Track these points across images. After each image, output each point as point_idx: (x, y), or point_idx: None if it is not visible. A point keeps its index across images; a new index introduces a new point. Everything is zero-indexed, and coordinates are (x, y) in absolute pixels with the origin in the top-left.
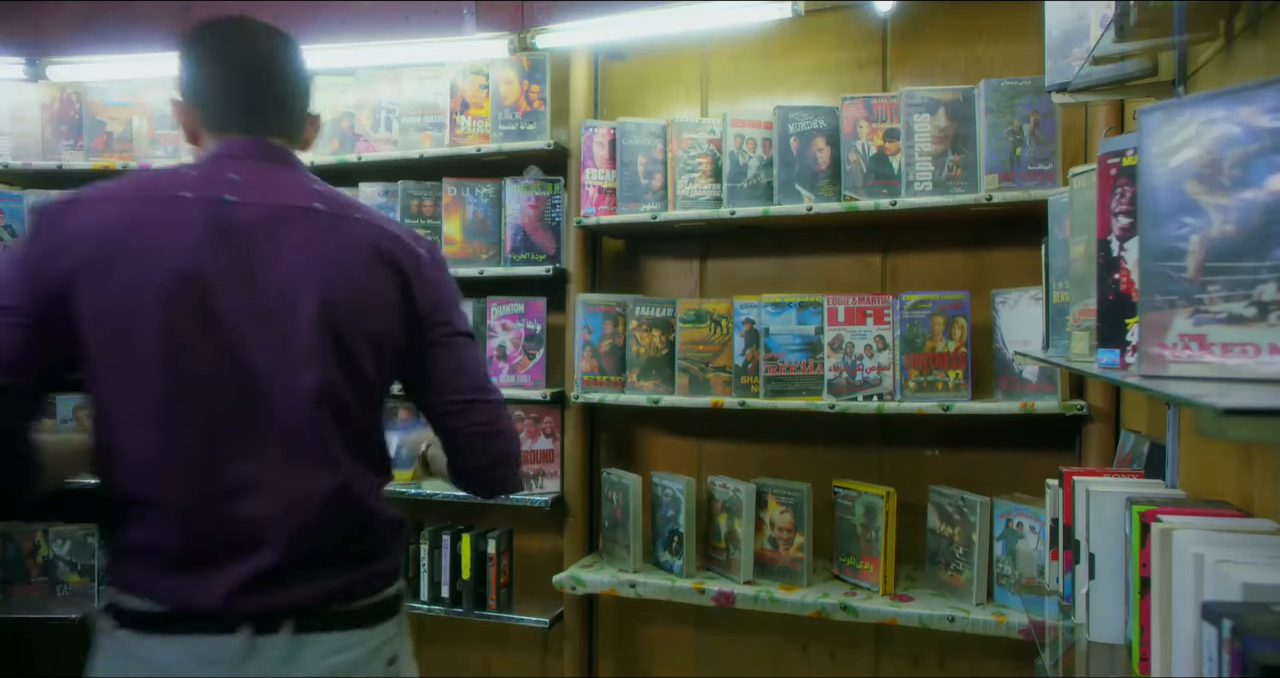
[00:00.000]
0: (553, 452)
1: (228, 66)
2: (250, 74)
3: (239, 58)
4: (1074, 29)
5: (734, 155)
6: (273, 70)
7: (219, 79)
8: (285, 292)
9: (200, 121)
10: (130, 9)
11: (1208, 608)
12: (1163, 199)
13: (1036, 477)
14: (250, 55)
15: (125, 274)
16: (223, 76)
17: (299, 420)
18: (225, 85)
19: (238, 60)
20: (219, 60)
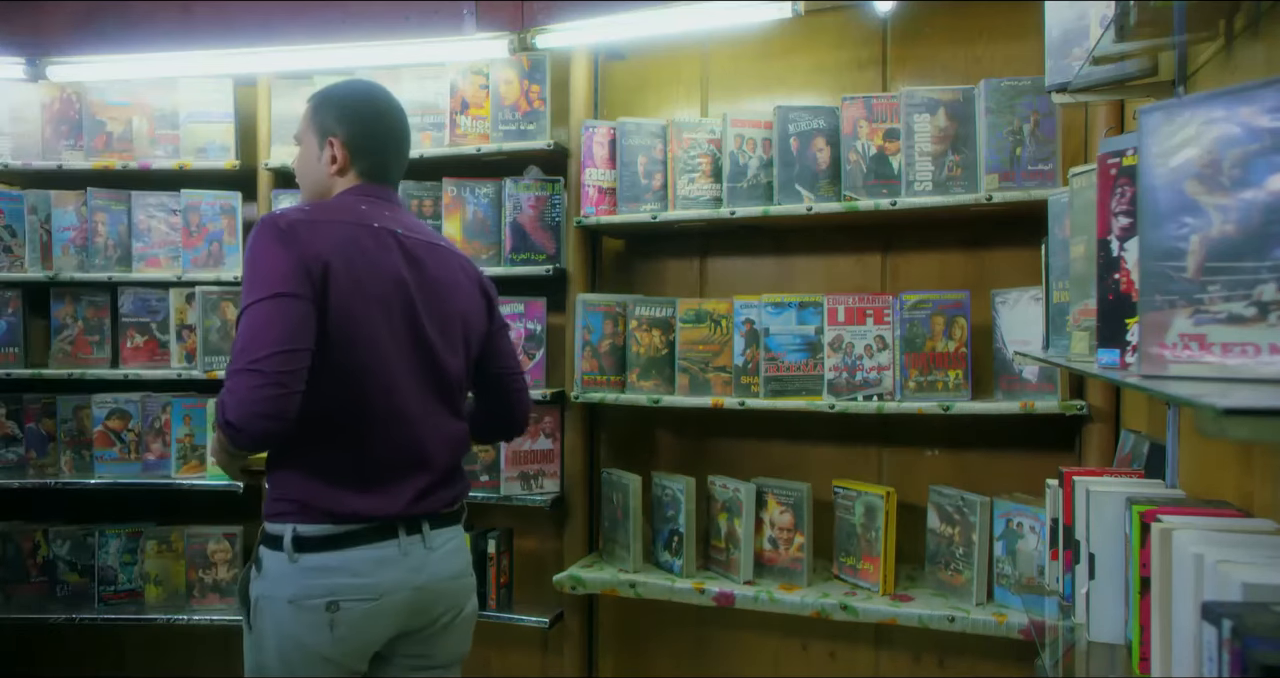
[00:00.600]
0: (553, 452)
1: (389, 131)
2: (401, 140)
3: (397, 125)
4: (1074, 29)
5: (734, 155)
6: (408, 138)
7: (382, 137)
8: (444, 301)
9: (351, 164)
10: (130, 9)
11: (1208, 608)
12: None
13: (1036, 477)
14: (402, 124)
15: (359, 274)
16: (383, 137)
17: (453, 386)
18: (384, 145)
19: (397, 127)
20: (384, 121)
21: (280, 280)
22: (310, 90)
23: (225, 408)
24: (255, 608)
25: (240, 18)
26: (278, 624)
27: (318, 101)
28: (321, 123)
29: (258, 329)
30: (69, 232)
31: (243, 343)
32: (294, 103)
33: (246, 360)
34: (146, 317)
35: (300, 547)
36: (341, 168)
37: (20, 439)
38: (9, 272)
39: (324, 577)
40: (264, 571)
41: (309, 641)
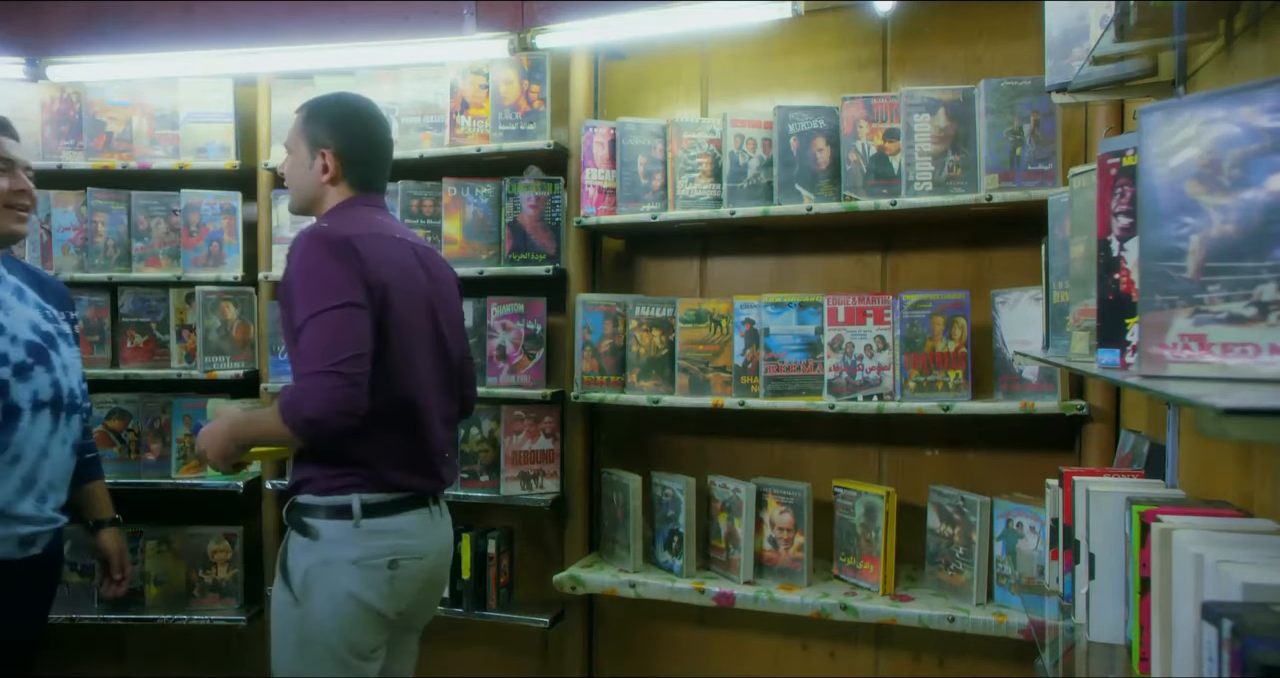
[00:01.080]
0: (553, 452)
1: (379, 144)
2: (388, 152)
3: (385, 137)
4: (1074, 29)
5: (734, 155)
6: (392, 149)
7: (372, 149)
8: (447, 300)
9: (342, 174)
10: (130, 9)
11: (1208, 608)
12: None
13: (1036, 477)
14: (388, 137)
15: (404, 285)
16: (375, 148)
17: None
18: (374, 156)
19: (384, 137)
20: (373, 135)
21: (349, 291)
22: (310, 90)
23: (302, 406)
24: (307, 576)
25: (240, 18)
26: (338, 586)
27: (308, 113)
28: (313, 134)
29: (335, 334)
30: (69, 232)
31: (323, 346)
32: (294, 103)
33: (328, 363)
34: (146, 317)
35: (365, 513)
36: (333, 177)
37: None
38: None
39: (385, 538)
40: (322, 538)
41: (369, 597)
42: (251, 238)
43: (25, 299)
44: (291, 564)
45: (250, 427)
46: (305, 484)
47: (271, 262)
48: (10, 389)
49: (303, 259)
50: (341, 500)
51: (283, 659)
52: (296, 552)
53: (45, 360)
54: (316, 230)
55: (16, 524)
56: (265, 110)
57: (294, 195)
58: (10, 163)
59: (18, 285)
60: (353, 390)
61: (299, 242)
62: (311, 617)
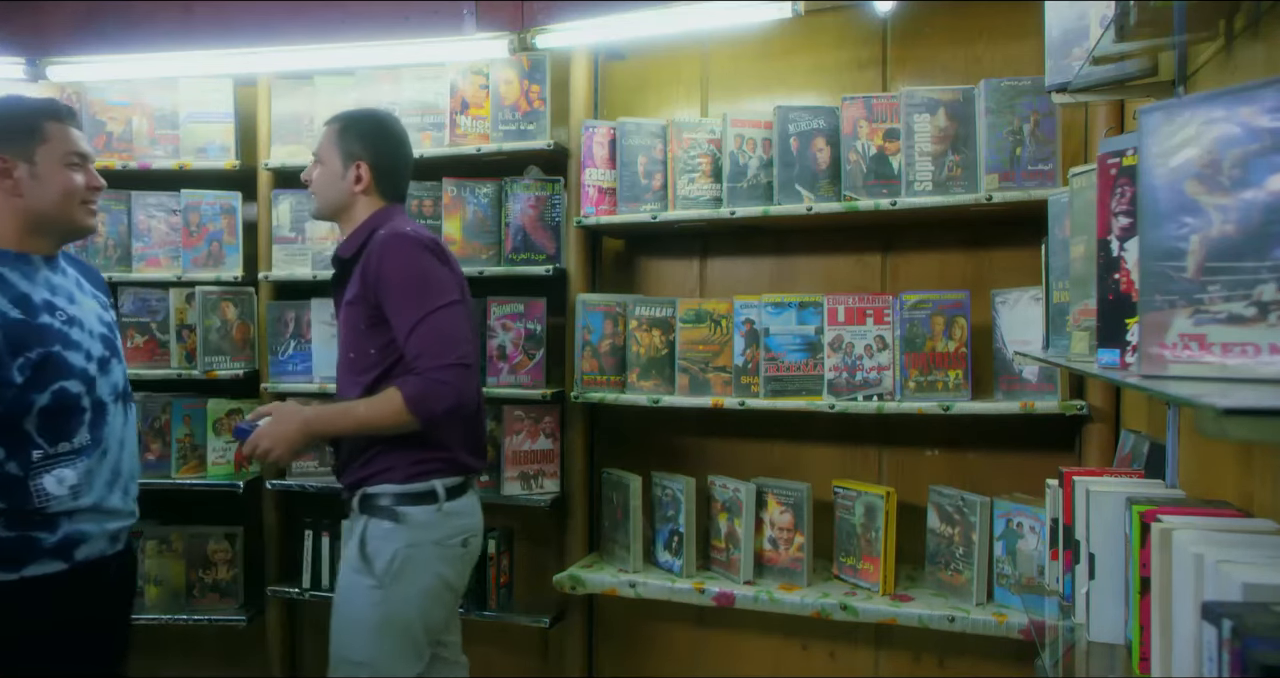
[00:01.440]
0: (553, 452)
1: (407, 157)
2: (412, 165)
3: (410, 150)
4: (1074, 29)
5: (734, 155)
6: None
7: (402, 163)
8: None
9: (375, 185)
10: (130, 9)
11: (1208, 608)
12: (1163, 199)
13: (1036, 477)
14: (411, 149)
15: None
16: (404, 162)
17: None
18: (403, 170)
19: (410, 151)
20: (403, 149)
21: (454, 289)
22: (310, 90)
23: (440, 398)
24: (395, 560)
25: (240, 18)
26: (427, 567)
27: (342, 126)
28: (348, 146)
29: (453, 329)
30: None
31: (445, 341)
32: (294, 103)
33: (457, 356)
34: (146, 317)
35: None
36: (366, 188)
37: None
38: None
39: (459, 518)
40: (408, 522)
41: (449, 575)
42: (251, 238)
43: (84, 290)
44: (373, 550)
45: (339, 419)
46: (383, 473)
47: (271, 261)
48: (97, 385)
49: (406, 260)
50: (424, 486)
51: (356, 641)
52: (379, 538)
53: (116, 352)
54: (404, 233)
55: (108, 519)
56: (265, 110)
57: (321, 203)
58: (84, 157)
59: (76, 277)
60: (475, 380)
61: (392, 243)
62: (396, 598)
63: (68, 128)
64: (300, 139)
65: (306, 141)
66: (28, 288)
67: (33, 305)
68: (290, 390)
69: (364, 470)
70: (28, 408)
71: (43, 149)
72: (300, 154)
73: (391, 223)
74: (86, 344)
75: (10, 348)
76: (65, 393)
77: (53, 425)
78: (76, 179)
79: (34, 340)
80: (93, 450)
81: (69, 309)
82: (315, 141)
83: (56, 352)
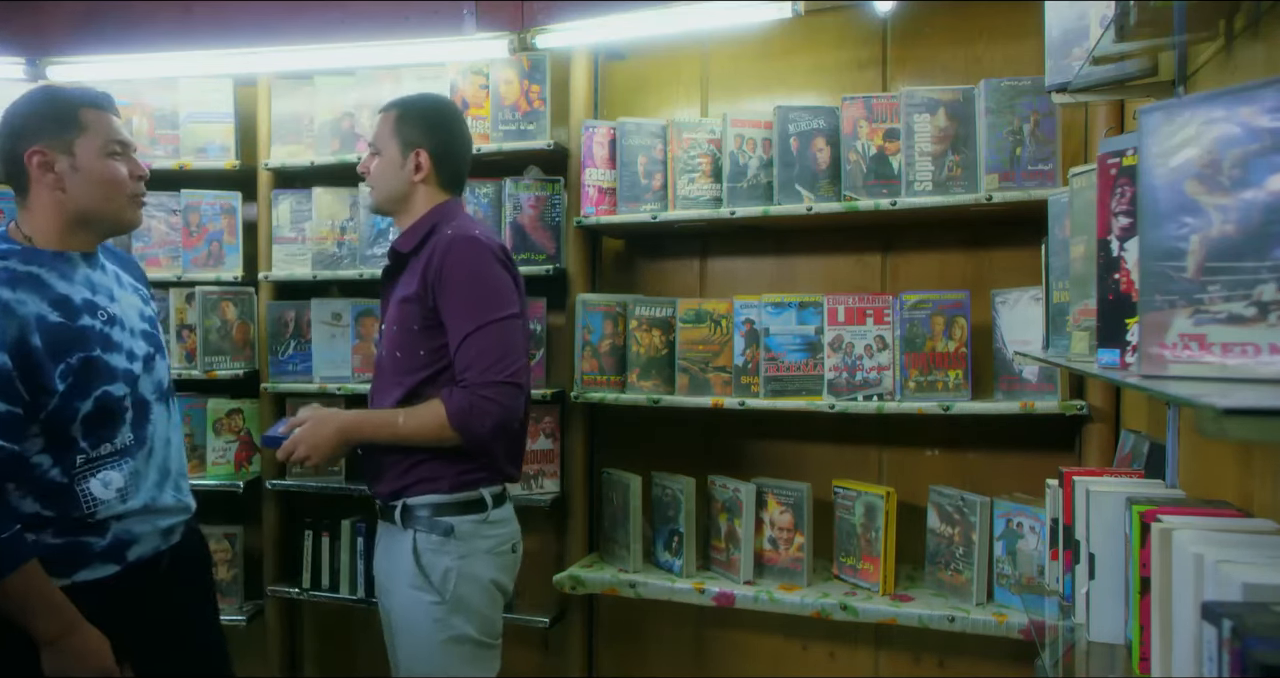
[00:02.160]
0: (553, 452)
1: (467, 144)
2: (471, 153)
3: (470, 139)
4: (1074, 29)
5: (734, 155)
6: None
7: (463, 150)
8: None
9: (435, 174)
10: (130, 9)
11: (1208, 608)
12: (1163, 199)
13: (1036, 477)
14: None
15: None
16: (463, 150)
17: None
18: (463, 157)
19: (470, 141)
20: (464, 136)
21: (511, 300)
22: (310, 90)
23: (486, 416)
24: (449, 574)
25: (240, 18)
26: (483, 576)
27: (400, 112)
28: (406, 134)
29: (508, 345)
30: None
31: (496, 356)
32: (294, 103)
33: (508, 373)
34: None
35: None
36: (425, 177)
37: None
38: None
39: (506, 526)
40: (460, 534)
41: (504, 580)
42: (251, 238)
43: (124, 285)
44: (429, 564)
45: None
46: (426, 483)
47: (271, 261)
48: (140, 383)
49: (473, 266)
50: (472, 495)
51: (432, 661)
52: (432, 551)
53: (160, 348)
54: (474, 236)
55: (159, 517)
56: (265, 110)
57: (379, 194)
58: (126, 146)
59: (116, 272)
60: (523, 399)
61: (461, 245)
62: (460, 611)
63: (107, 115)
64: (300, 139)
65: (307, 141)
66: (67, 289)
67: (73, 307)
68: (290, 390)
69: (404, 480)
70: (72, 415)
71: (82, 139)
72: (301, 154)
73: (459, 222)
74: (129, 344)
75: (51, 353)
76: (109, 397)
77: (96, 429)
78: (120, 169)
79: (75, 345)
80: (137, 450)
81: (110, 308)
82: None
83: (98, 356)
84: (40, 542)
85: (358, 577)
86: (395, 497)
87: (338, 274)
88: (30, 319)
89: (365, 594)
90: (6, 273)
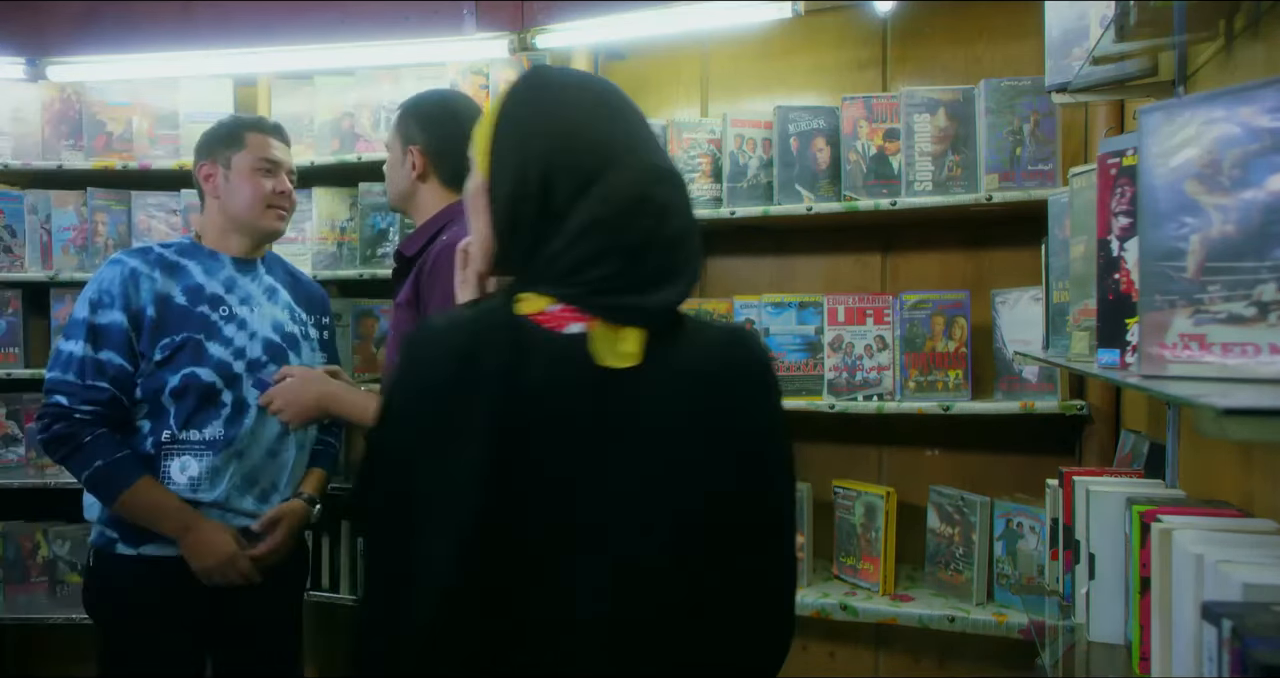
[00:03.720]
0: None
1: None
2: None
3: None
4: (1074, 29)
5: (734, 155)
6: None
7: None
8: None
9: (432, 170)
10: (130, 9)
11: (1208, 608)
12: (1163, 199)
13: (1036, 477)
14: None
15: None
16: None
17: None
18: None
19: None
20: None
21: None
22: (310, 90)
23: None
24: None
25: (240, 18)
26: None
27: (402, 110)
28: (406, 131)
29: None
30: (69, 232)
31: None
32: (294, 103)
33: None
34: None
35: None
36: (422, 174)
37: (20, 439)
38: (9, 272)
39: None
40: None
41: None
42: None
43: (276, 299)
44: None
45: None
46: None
47: None
48: (241, 384)
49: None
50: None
51: None
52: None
53: (283, 359)
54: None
55: (233, 517)
56: (265, 110)
57: (389, 192)
58: (276, 164)
59: (272, 285)
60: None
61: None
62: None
63: (267, 138)
64: (300, 139)
65: (307, 141)
66: (204, 281)
67: (201, 295)
68: None
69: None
70: (161, 386)
71: (239, 156)
72: (301, 154)
73: (458, 228)
74: (240, 343)
75: (160, 328)
76: (195, 378)
77: (183, 410)
78: (264, 184)
79: (184, 325)
80: (223, 448)
81: (237, 308)
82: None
83: (199, 339)
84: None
85: (358, 577)
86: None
87: (337, 274)
88: (154, 294)
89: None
90: (158, 256)
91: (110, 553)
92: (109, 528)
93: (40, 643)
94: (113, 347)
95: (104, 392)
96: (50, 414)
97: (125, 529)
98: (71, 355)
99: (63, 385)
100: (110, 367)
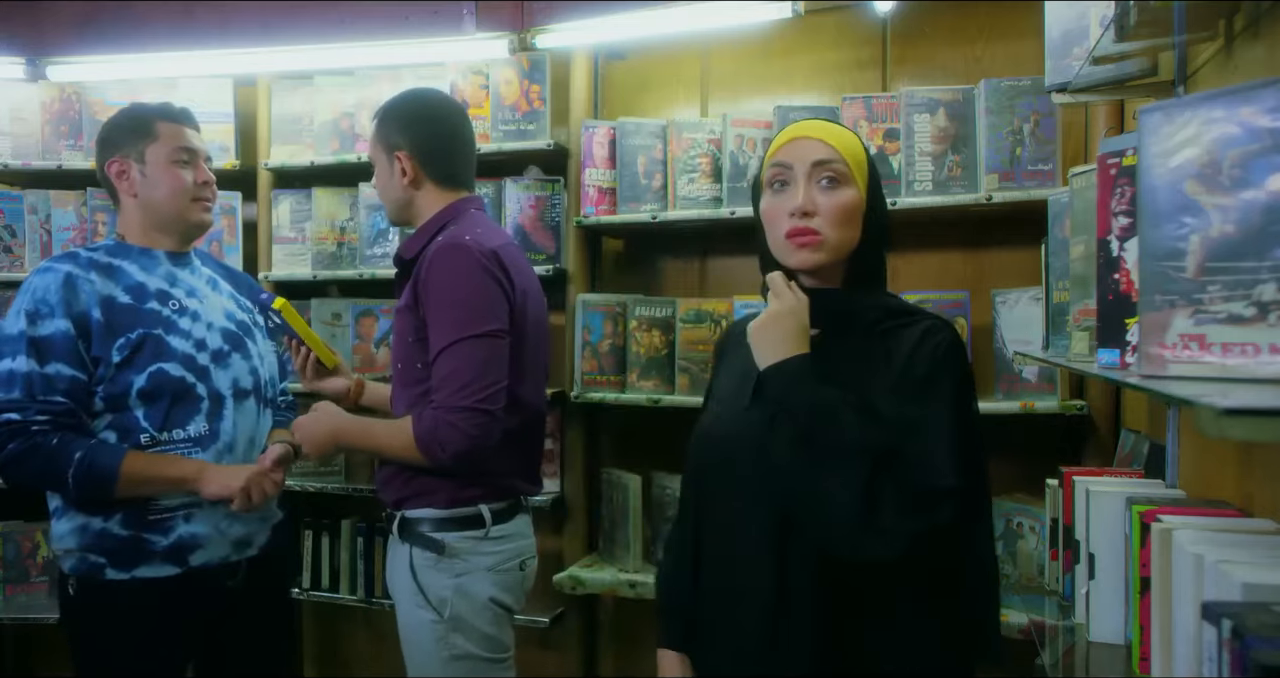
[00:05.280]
0: (553, 452)
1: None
2: (467, 139)
3: (460, 126)
4: (1074, 29)
5: (734, 155)
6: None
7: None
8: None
9: (424, 174)
10: (130, 9)
11: (1208, 608)
12: (1163, 199)
13: (1036, 477)
14: (464, 123)
15: (534, 291)
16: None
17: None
18: (451, 147)
19: (460, 128)
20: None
21: (495, 315)
22: (310, 90)
23: (446, 443)
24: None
25: (240, 18)
26: (481, 594)
27: (380, 117)
28: (386, 138)
29: (480, 365)
30: (69, 232)
31: (466, 377)
32: (294, 103)
33: (474, 398)
34: None
35: (493, 520)
36: (414, 179)
37: None
38: (9, 272)
39: (511, 542)
40: (455, 552)
41: (506, 599)
42: (251, 238)
43: (219, 289)
44: (426, 582)
45: (362, 438)
46: (424, 496)
47: (271, 261)
48: (212, 376)
49: (451, 276)
50: (469, 511)
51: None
52: (427, 569)
53: (242, 348)
54: (462, 244)
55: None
56: (265, 110)
57: (386, 208)
58: (194, 153)
59: (211, 276)
60: (494, 425)
61: (444, 254)
62: (460, 630)
63: (180, 126)
64: (300, 139)
65: (306, 142)
66: (144, 278)
67: (146, 292)
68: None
69: (404, 491)
70: (127, 389)
71: (152, 148)
72: (301, 154)
73: (460, 225)
74: (199, 334)
75: (111, 330)
76: (164, 375)
77: (158, 410)
78: (184, 176)
79: (136, 323)
80: (210, 443)
81: (185, 301)
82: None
83: (157, 334)
84: (106, 532)
85: (357, 577)
86: (396, 507)
87: (337, 274)
88: (95, 296)
89: (365, 594)
90: (88, 259)
91: (99, 580)
92: (93, 554)
93: (40, 643)
94: (60, 358)
95: (59, 404)
96: (3, 434)
97: (115, 553)
98: (14, 373)
99: (11, 404)
100: (60, 380)
